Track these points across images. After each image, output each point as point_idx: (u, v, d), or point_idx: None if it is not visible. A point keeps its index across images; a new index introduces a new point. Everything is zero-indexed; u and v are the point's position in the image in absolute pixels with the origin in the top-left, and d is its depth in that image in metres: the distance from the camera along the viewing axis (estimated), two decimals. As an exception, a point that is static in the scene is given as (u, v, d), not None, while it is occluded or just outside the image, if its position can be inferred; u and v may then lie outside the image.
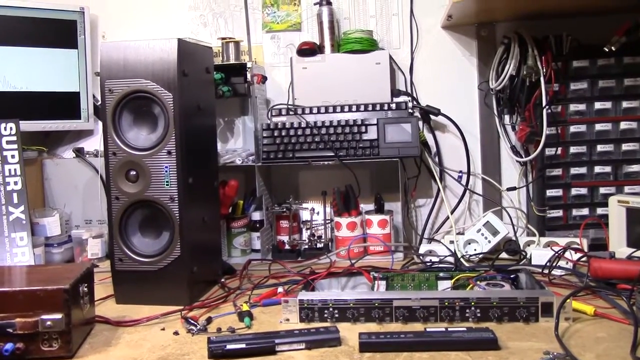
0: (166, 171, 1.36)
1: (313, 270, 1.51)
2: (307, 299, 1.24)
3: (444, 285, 1.41)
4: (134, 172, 1.38)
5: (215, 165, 1.63)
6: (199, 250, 1.47)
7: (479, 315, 1.20)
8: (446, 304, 1.21)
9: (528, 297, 1.20)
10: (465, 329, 1.12)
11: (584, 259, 1.51)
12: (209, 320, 1.27)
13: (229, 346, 1.07)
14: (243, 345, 1.07)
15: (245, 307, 1.32)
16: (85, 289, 1.19)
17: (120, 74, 1.37)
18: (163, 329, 1.24)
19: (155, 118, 1.39)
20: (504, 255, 1.68)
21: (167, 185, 1.36)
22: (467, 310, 1.21)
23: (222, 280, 1.56)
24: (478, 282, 1.35)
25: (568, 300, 1.18)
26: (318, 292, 1.35)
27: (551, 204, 1.73)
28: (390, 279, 1.44)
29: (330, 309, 1.23)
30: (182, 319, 1.26)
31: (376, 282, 1.42)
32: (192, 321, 1.23)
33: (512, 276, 1.41)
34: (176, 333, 1.21)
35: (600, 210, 1.71)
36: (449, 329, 1.12)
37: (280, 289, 1.44)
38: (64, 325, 1.07)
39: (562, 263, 1.51)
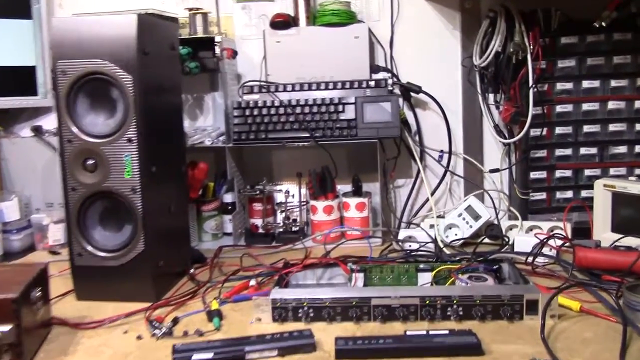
0: (127, 160, 1.26)
1: (287, 262, 1.42)
2: (280, 297, 1.17)
3: (424, 277, 1.34)
4: (92, 161, 1.27)
5: (182, 148, 1.53)
6: (166, 242, 1.38)
7: (461, 313, 1.15)
8: (427, 302, 1.15)
9: (512, 295, 1.14)
10: (447, 331, 1.05)
11: (567, 244, 1.47)
12: (176, 321, 1.18)
13: (196, 356, 1.00)
14: (210, 355, 1.00)
15: (214, 305, 1.24)
16: (39, 293, 1.09)
17: (74, 54, 1.25)
18: (126, 332, 1.16)
19: (114, 102, 1.28)
20: (485, 240, 1.62)
21: (128, 175, 1.26)
22: (449, 309, 1.15)
23: (192, 271, 1.48)
24: (460, 276, 1.29)
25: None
26: (292, 290, 1.27)
27: (535, 187, 1.67)
28: (369, 270, 1.37)
29: (305, 308, 1.16)
30: (146, 321, 1.18)
31: (353, 274, 1.35)
32: (157, 324, 1.15)
33: (494, 267, 1.35)
34: (139, 337, 1.13)
35: (584, 193, 1.66)
36: (430, 332, 1.06)
37: (252, 282, 1.36)
38: (14, 336, 0.98)
39: (545, 250, 1.46)
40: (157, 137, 1.33)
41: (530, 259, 1.42)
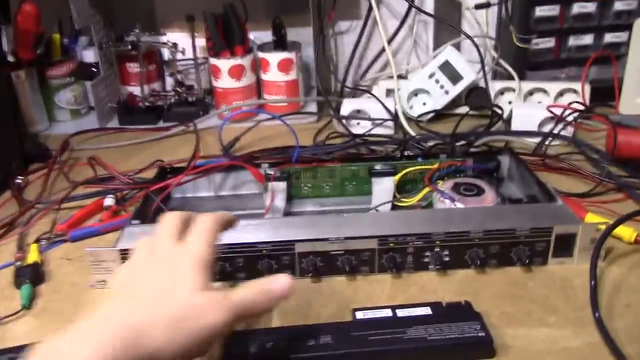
0: None
1: (163, 167, 0.88)
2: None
3: (384, 186, 0.84)
4: None
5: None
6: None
7: (446, 260, 0.68)
8: (391, 245, 0.67)
9: (535, 229, 0.67)
10: (429, 311, 0.59)
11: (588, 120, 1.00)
12: (-43, 291, 0.68)
13: None
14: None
15: (32, 255, 0.73)
16: None
17: None
18: None
19: None
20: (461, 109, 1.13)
21: None
22: (428, 253, 0.67)
23: (20, 178, 0.94)
24: (440, 185, 0.80)
25: (603, 228, 0.67)
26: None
27: (540, 29, 1.14)
28: (295, 176, 0.86)
29: (181, 263, 0.66)
30: None
31: (270, 184, 0.84)
32: None
33: (491, 166, 0.86)
34: None
35: (608, 37, 1.15)
36: (398, 313, 0.59)
37: (108, 201, 0.84)
38: None
39: (551, 125, 0.99)
40: None
41: (538, 143, 0.95)
